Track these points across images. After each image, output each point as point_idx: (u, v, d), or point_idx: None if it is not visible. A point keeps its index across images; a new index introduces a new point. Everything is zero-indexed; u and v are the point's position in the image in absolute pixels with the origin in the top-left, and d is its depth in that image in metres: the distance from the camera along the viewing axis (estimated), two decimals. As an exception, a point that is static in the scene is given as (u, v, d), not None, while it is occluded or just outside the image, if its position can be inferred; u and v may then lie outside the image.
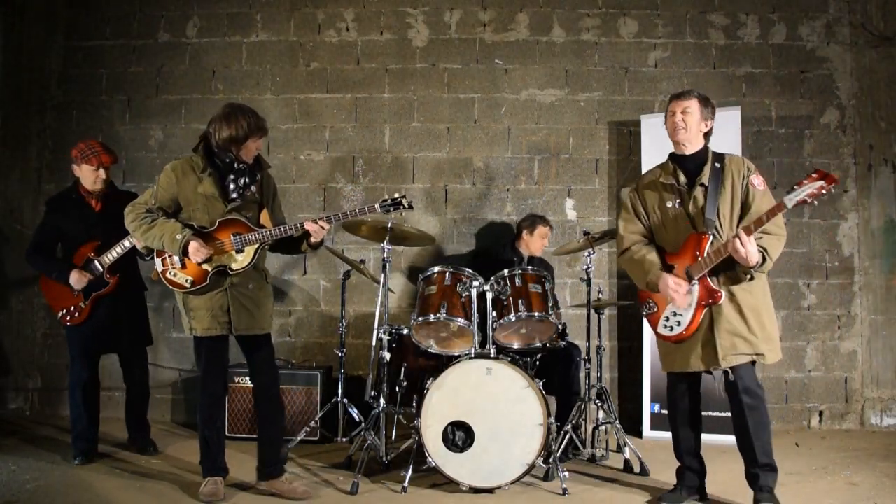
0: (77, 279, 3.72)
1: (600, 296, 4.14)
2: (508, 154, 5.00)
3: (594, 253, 4.02)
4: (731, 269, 2.97)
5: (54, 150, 5.11)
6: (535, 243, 4.39)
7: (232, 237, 3.14)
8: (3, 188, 5.08)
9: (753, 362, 3.01)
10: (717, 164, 3.03)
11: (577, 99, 5.01)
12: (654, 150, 4.67)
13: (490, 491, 3.31)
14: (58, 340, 5.00)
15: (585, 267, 3.98)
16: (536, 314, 3.52)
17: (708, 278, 2.98)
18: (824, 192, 2.73)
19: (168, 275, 3.18)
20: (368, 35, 5.07)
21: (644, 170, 4.68)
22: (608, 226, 4.91)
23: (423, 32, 5.06)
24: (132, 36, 5.12)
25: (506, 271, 3.64)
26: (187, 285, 3.14)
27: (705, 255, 2.94)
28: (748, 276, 2.94)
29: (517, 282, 3.59)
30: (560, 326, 3.73)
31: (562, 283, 4.87)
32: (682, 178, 3.08)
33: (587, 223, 4.90)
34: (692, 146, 3.11)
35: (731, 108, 4.60)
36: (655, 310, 3.13)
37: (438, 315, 3.50)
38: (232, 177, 3.15)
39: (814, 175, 2.74)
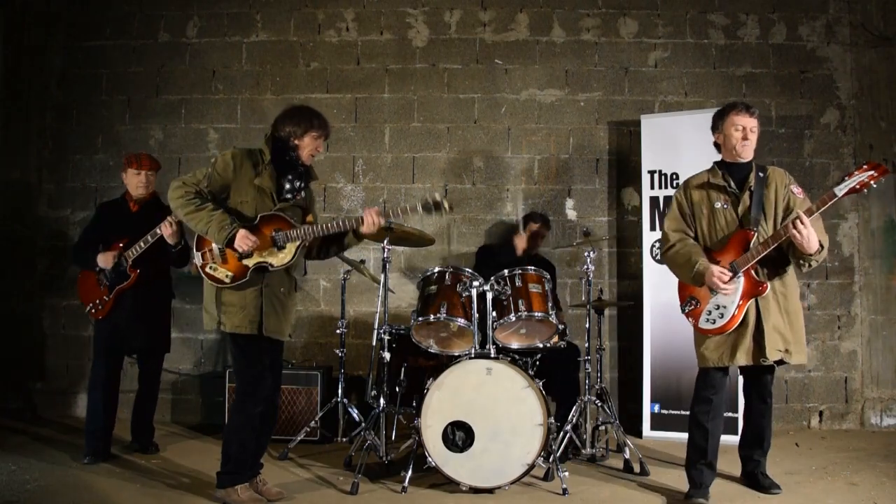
0: (103, 258, 3.82)
1: (600, 296, 4.13)
2: (508, 154, 5.00)
3: (594, 253, 4.02)
4: (773, 266, 3.14)
5: (54, 150, 5.11)
6: (524, 238, 4.41)
7: (273, 232, 3.08)
8: (3, 188, 5.08)
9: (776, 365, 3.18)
10: (761, 174, 3.20)
11: (577, 99, 5.01)
12: (654, 150, 4.68)
13: (490, 491, 3.31)
14: (58, 341, 5.00)
15: (585, 267, 3.97)
16: (536, 314, 3.52)
17: (752, 272, 3.09)
18: (874, 182, 2.89)
19: (207, 269, 3.09)
20: (368, 35, 5.07)
21: (644, 170, 4.70)
22: (608, 226, 4.92)
23: (423, 32, 5.06)
24: (132, 36, 5.12)
25: (506, 271, 3.64)
26: (227, 280, 3.06)
27: (751, 249, 3.07)
28: (806, 265, 3.07)
29: (517, 282, 3.59)
30: (561, 326, 3.72)
31: (562, 283, 4.86)
32: (733, 183, 3.22)
33: (587, 223, 4.90)
34: (747, 158, 3.26)
35: (731, 108, 4.60)
36: (698, 305, 3.19)
37: (438, 315, 3.50)
38: (290, 176, 3.14)
39: (865, 166, 2.91)
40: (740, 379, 4.30)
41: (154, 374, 4.10)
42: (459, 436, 3.33)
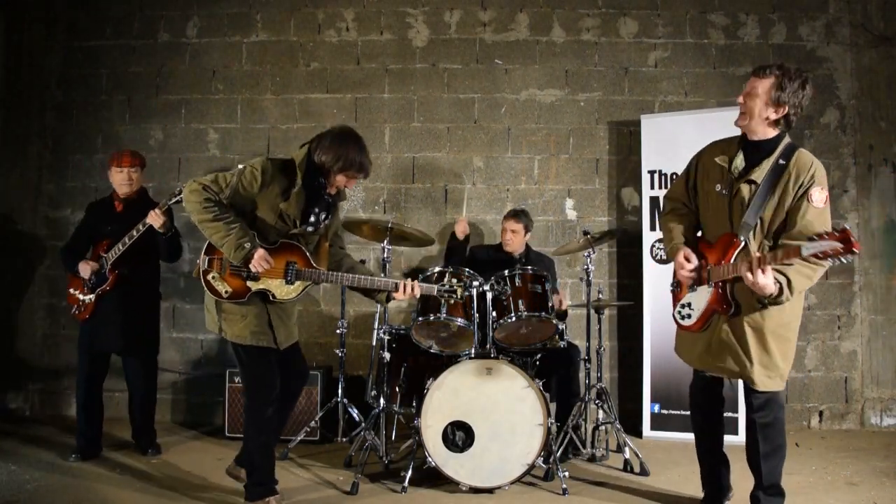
0: (84, 268, 3.86)
1: (600, 296, 4.13)
2: (508, 154, 5.00)
3: (594, 253, 4.02)
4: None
5: (54, 150, 5.11)
6: (503, 237, 4.31)
7: (288, 264, 2.96)
8: (3, 188, 5.08)
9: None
10: (782, 162, 2.64)
11: (577, 99, 5.01)
12: (654, 150, 4.68)
13: (490, 491, 3.31)
14: (57, 341, 5.00)
15: (585, 267, 3.97)
16: (536, 314, 3.52)
17: (723, 289, 2.74)
18: (840, 256, 2.33)
19: (209, 277, 2.98)
20: (368, 35, 5.07)
21: (644, 170, 4.70)
22: (608, 226, 4.92)
23: (423, 32, 5.06)
24: (132, 36, 5.12)
25: (506, 271, 3.63)
26: (224, 295, 2.96)
27: (731, 263, 2.67)
28: (760, 305, 2.66)
29: (517, 282, 3.59)
30: (560, 327, 3.72)
31: (562, 283, 4.86)
32: (738, 165, 2.73)
33: (587, 223, 4.90)
34: (757, 134, 2.72)
35: (731, 108, 4.58)
36: (679, 290, 2.92)
37: (438, 315, 3.49)
38: (317, 209, 2.99)
39: (836, 234, 2.35)
40: (741, 382, 4.31)
41: (139, 375, 4.00)
42: (459, 436, 3.33)
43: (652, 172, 4.67)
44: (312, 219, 3.00)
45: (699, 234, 2.96)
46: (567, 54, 5.03)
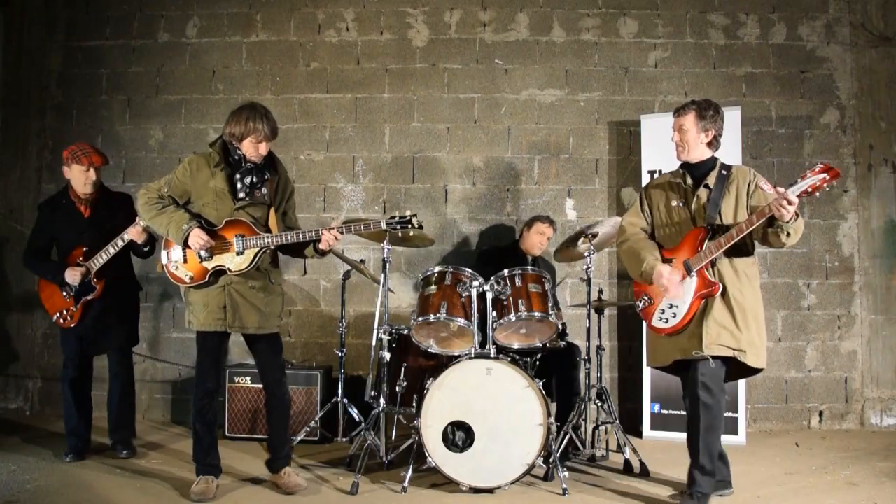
0: (71, 275, 3.72)
1: (601, 296, 4.13)
2: (508, 154, 5.01)
3: (594, 253, 4.02)
4: (727, 263, 3.04)
5: (54, 151, 5.11)
6: (530, 239, 4.36)
7: (235, 238, 3.18)
8: (3, 188, 5.08)
9: (725, 363, 3.03)
10: (724, 172, 3.12)
11: (577, 99, 5.01)
12: (654, 150, 4.68)
13: (490, 491, 3.31)
14: (57, 340, 4.98)
15: (585, 267, 3.97)
16: (536, 314, 3.51)
17: (706, 271, 3.03)
18: (826, 185, 2.72)
19: (171, 268, 3.26)
20: (368, 35, 5.07)
21: (644, 170, 4.71)
22: (608, 226, 4.91)
23: (423, 32, 5.07)
24: (132, 36, 5.12)
25: (506, 271, 3.63)
26: (187, 280, 3.22)
27: (704, 247, 3.00)
28: (784, 233, 2.88)
29: (517, 282, 3.59)
30: (560, 326, 3.72)
31: (562, 283, 4.87)
32: (689, 180, 3.18)
33: (587, 223, 4.88)
34: (696, 158, 3.19)
35: (731, 108, 4.59)
36: (651, 303, 3.18)
37: (438, 315, 3.50)
38: (238, 175, 3.22)
39: (817, 168, 2.74)
40: (742, 382, 4.33)
41: (120, 366, 3.95)
42: (459, 436, 3.33)
43: (652, 172, 4.67)
44: (239, 185, 3.21)
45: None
46: (567, 54, 5.03)
